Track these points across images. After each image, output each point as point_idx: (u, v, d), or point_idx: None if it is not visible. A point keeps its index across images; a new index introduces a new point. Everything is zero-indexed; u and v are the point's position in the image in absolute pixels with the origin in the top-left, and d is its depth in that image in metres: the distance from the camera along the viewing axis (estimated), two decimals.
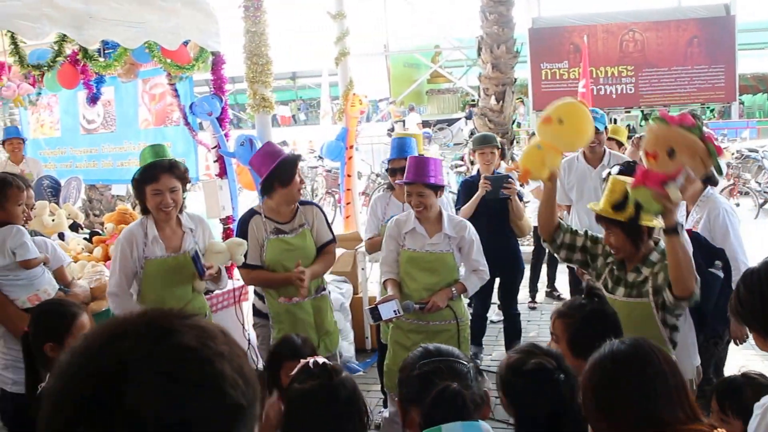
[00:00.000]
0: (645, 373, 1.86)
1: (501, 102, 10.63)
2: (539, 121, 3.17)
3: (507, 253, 5.44)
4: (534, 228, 5.89)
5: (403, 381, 2.16)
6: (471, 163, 10.42)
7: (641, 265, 3.05)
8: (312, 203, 4.25)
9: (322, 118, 20.43)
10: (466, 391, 1.99)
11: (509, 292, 5.75)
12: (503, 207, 5.34)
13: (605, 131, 5.44)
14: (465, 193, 5.54)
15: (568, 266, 4.86)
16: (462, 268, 4.04)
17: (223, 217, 5.27)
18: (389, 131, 18.39)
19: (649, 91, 14.44)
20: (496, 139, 5.78)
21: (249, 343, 4.14)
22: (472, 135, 12.08)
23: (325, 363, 2.28)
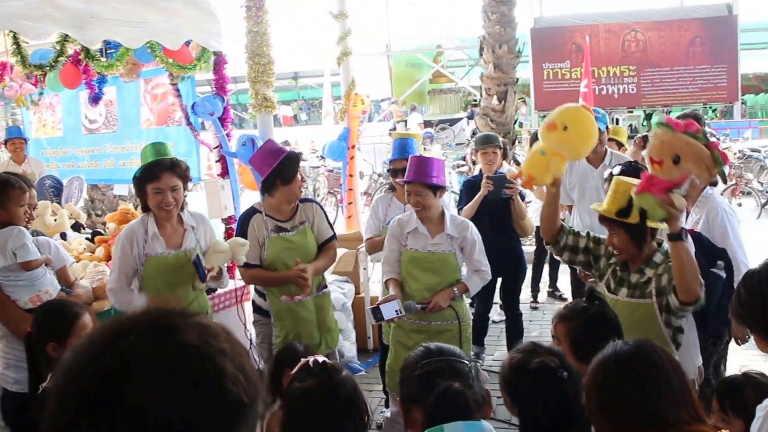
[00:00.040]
0: (648, 373, 1.86)
1: (503, 102, 10.62)
2: (543, 127, 3.14)
3: (509, 253, 5.44)
4: (536, 228, 5.88)
5: (404, 380, 2.16)
6: (473, 163, 10.41)
7: (644, 266, 3.04)
8: (312, 200, 4.25)
9: (324, 118, 20.40)
10: (468, 390, 1.98)
11: (511, 292, 5.75)
12: (505, 207, 5.33)
13: (606, 131, 5.43)
14: (467, 193, 5.54)
15: (570, 266, 4.85)
16: (464, 268, 4.04)
17: (225, 217, 5.28)
18: (391, 131, 18.36)
19: (651, 91, 14.40)
20: (499, 138, 5.77)
21: (251, 343, 4.14)
22: (474, 135, 12.06)
23: (325, 362, 2.28)
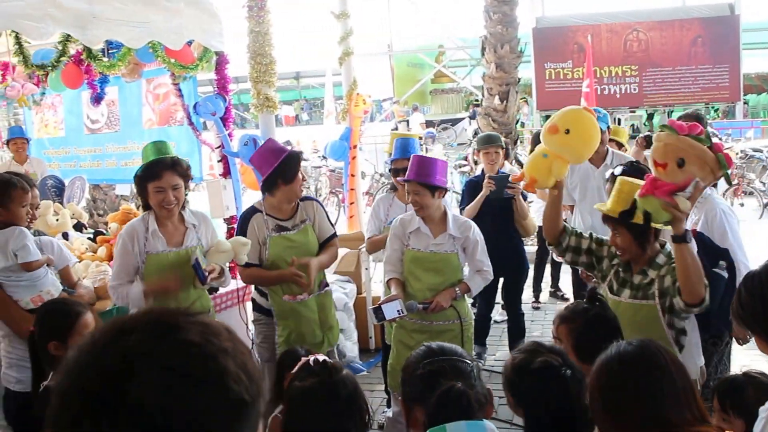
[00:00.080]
0: (652, 374, 1.86)
1: (505, 102, 10.62)
2: (545, 130, 3.14)
3: (511, 253, 5.43)
4: (538, 228, 5.88)
5: (406, 380, 2.16)
6: (475, 163, 10.43)
7: (647, 268, 3.04)
8: (311, 198, 4.25)
9: (326, 118, 20.43)
10: (470, 390, 1.98)
11: (513, 292, 5.75)
12: (507, 207, 5.33)
13: (608, 130, 5.43)
14: (469, 193, 5.53)
15: (571, 267, 4.85)
16: (466, 268, 4.04)
17: (227, 217, 5.28)
18: (393, 131, 18.36)
19: (653, 91, 14.36)
20: (501, 138, 5.77)
21: (252, 343, 4.14)
22: (476, 135, 12.07)
23: (326, 360, 2.28)
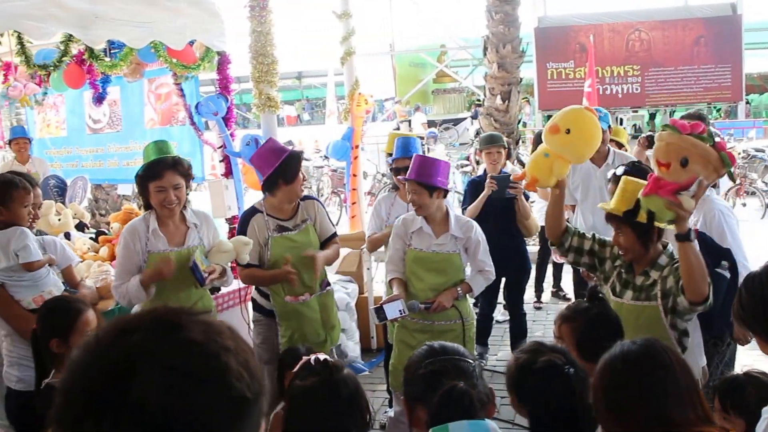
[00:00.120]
0: (656, 373, 1.86)
1: (507, 101, 10.61)
2: (546, 130, 3.14)
3: (513, 253, 5.43)
4: (540, 228, 5.87)
5: (408, 380, 2.16)
6: (477, 163, 10.42)
7: (650, 269, 3.03)
8: (312, 198, 4.26)
9: (328, 118, 20.42)
10: (472, 390, 1.98)
11: (515, 292, 5.74)
12: (509, 206, 5.32)
13: (609, 130, 5.42)
14: (471, 193, 5.53)
15: (573, 267, 4.84)
16: (468, 268, 4.03)
17: (228, 217, 5.28)
18: (394, 131, 18.34)
19: (656, 91, 14.36)
20: (503, 138, 5.77)
21: (254, 343, 4.15)
22: (478, 135, 12.07)
23: (327, 360, 2.28)
